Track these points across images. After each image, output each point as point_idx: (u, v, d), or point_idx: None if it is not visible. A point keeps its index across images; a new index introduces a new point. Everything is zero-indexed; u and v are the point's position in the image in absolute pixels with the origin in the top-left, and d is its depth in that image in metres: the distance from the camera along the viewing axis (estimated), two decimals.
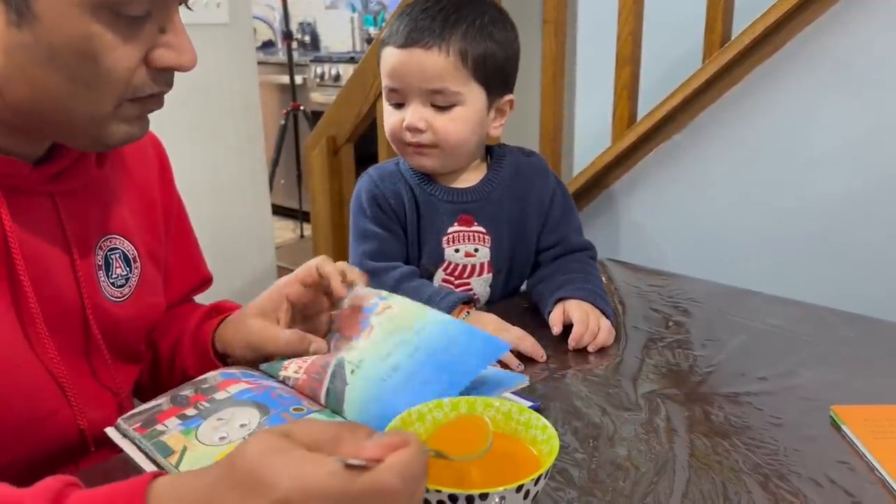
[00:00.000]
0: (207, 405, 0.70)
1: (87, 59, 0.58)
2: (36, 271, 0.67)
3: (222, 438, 0.66)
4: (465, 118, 0.98)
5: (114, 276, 0.76)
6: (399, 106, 1.00)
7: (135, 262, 0.78)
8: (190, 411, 0.70)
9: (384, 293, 0.82)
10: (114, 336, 0.76)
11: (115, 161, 0.78)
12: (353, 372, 0.73)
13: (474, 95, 0.98)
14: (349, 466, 0.45)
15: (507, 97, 1.04)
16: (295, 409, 0.70)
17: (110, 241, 0.76)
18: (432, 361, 0.71)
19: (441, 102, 0.97)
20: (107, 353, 0.75)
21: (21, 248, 0.65)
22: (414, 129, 0.98)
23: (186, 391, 0.73)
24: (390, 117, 1.01)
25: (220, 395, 0.72)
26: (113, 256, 0.76)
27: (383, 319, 0.78)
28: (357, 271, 0.82)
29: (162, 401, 0.72)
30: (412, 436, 0.48)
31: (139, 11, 0.59)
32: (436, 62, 0.95)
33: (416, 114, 0.97)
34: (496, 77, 1.00)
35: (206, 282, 0.95)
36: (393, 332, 0.76)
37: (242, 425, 0.67)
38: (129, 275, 0.78)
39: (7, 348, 0.65)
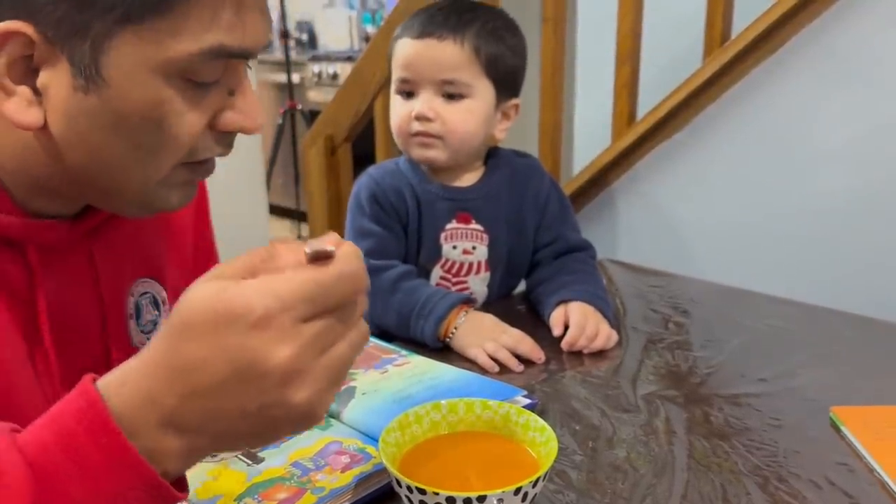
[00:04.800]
0: None
1: (154, 125, 0.55)
2: (63, 330, 0.63)
3: (214, 455, 0.65)
4: (474, 111, 1.00)
5: (143, 322, 0.73)
6: (409, 96, 1.02)
7: (164, 304, 0.75)
8: None
9: (405, 351, 0.87)
10: None
11: None
12: (364, 394, 0.76)
13: (484, 90, 1.01)
14: (314, 258, 0.42)
15: (514, 101, 1.06)
16: None
17: (142, 285, 0.73)
18: (445, 395, 0.72)
19: (452, 91, 0.99)
20: None
21: (49, 309, 0.62)
22: (423, 118, 0.99)
23: None
24: (399, 108, 1.02)
25: None
26: (143, 302, 0.73)
27: (402, 370, 0.82)
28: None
29: None
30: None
31: (213, 77, 0.56)
32: (451, 53, 0.98)
33: (426, 103, 0.99)
34: (505, 78, 1.02)
35: None
36: (409, 377, 0.80)
37: None
38: (157, 319, 0.74)
39: (25, 409, 0.60)
